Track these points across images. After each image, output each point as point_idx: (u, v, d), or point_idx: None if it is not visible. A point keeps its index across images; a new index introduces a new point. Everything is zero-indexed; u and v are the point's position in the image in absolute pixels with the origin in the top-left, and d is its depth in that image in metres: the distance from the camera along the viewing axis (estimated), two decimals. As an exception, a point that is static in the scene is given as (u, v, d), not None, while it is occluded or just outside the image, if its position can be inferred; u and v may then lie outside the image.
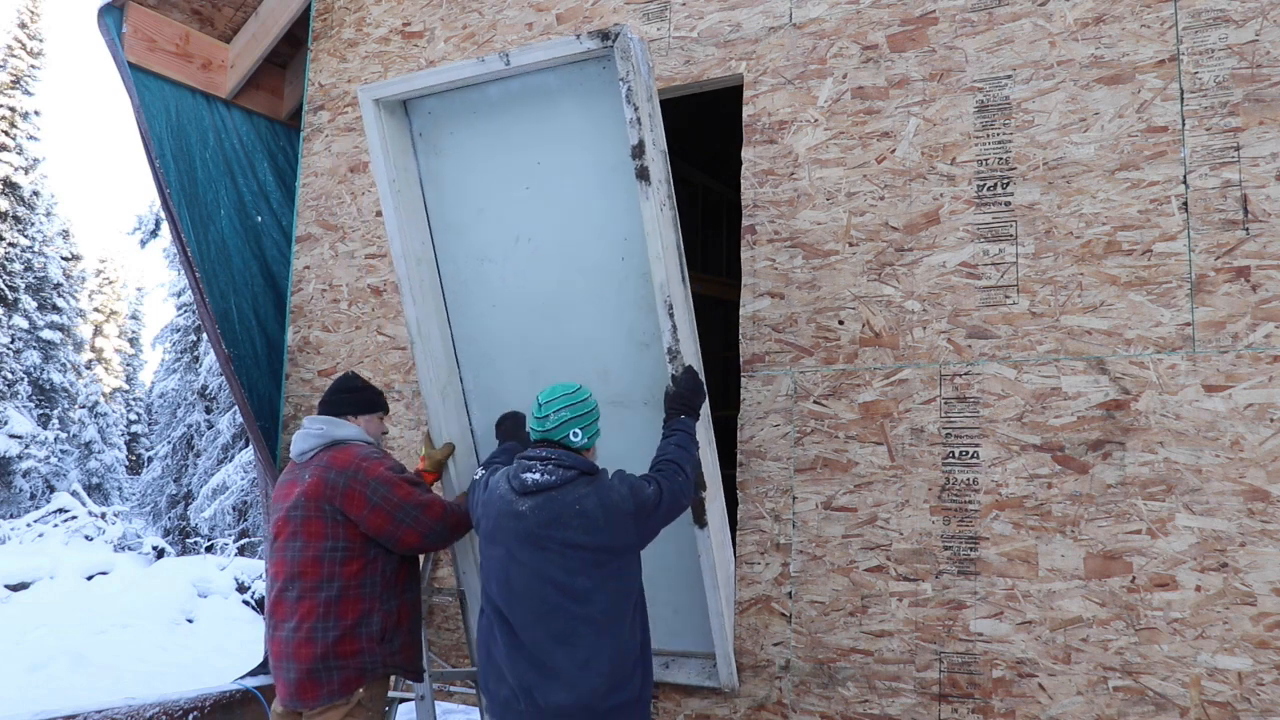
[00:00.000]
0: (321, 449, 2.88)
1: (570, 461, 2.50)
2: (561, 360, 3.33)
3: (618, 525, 2.44)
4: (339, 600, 2.74)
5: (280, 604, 2.79)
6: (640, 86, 2.87)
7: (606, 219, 3.16)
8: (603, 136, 3.11)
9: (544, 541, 2.42)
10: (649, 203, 2.90)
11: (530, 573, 2.43)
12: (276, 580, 2.83)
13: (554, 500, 2.44)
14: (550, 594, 2.41)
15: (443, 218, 3.48)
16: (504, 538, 2.49)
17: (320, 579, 2.75)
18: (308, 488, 2.79)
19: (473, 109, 3.34)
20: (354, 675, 2.73)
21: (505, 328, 3.44)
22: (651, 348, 3.17)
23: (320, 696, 2.70)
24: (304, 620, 2.73)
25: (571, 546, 2.41)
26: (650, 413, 3.19)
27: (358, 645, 2.74)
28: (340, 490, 2.76)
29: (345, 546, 2.78)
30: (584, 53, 2.93)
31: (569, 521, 2.42)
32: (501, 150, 3.32)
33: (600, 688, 2.38)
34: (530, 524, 2.44)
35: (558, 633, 2.40)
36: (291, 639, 2.73)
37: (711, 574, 3.05)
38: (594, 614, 2.40)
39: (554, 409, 2.57)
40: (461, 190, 3.43)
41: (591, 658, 2.39)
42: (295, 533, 2.79)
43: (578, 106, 3.15)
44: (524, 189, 3.31)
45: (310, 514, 2.78)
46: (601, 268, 3.21)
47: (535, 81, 3.19)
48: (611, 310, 3.21)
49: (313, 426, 2.92)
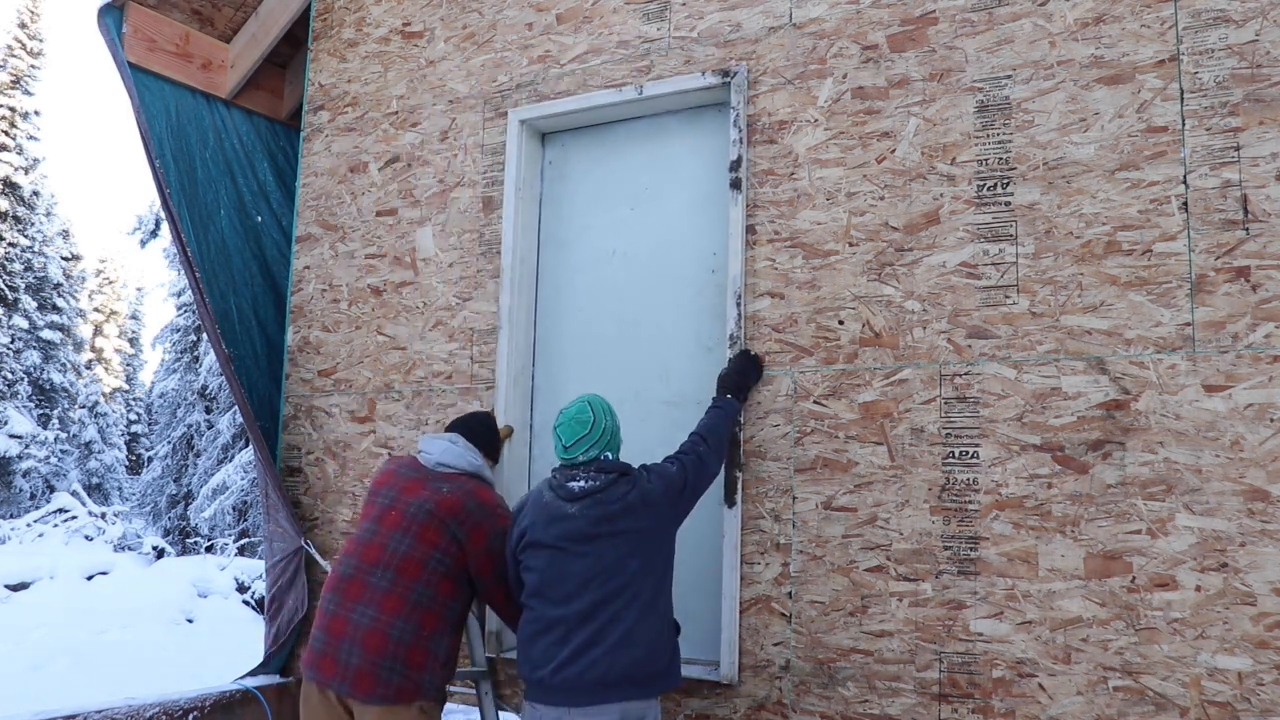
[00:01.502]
0: (466, 474, 2.96)
1: (609, 466, 2.76)
2: (627, 362, 3.67)
3: (656, 509, 2.71)
4: (426, 609, 2.76)
5: (360, 586, 2.78)
6: (744, 114, 3.37)
7: (699, 236, 3.57)
8: (706, 163, 3.59)
9: (597, 535, 2.66)
10: (736, 207, 3.33)
11: (585, 564, 2.65)
12: (362, 562, 2.82)
13: (600, 501, 2.69)
14: (607, 579, 2.63)
15: (553, 234, 3.94)
16: (553, 540, 2.71)
17: (417, 581, 2.77)
18: (444, 500, 2.84)
19: (599, 143, 3.88)
20: (411, 687, 2.72)
21: (584, 331, 3.80)
22: (714, 350, 3.46)
23: (374, 693, 2.68)
24: (386, 612, 2.73)
25: (622, 534, 2.66)
26: (700, 412, 3.37)
27: (425, 659, 2.75)
28: (474, 521, 2.84)
29: (450, 567, 2.82)
30: (706, 86, 3.46)
31: (617, 515, 2.67)
32: (616, 178, 3.82)
33: (640, 658, 2.59)
34: (581, 523, 2.69)
35: (613, 612, 2.61)
36: (364, 624, 2.72)
37: (733, 555, 3.17)
38: (641, 592, 2.64)
39: (581, 449, 2.81)
40: (574, 210, 3.90)
41: (635, 632, 2.60)
42: (409, 529, 2.82)
43: (689, 139, 3.67)
44: (629, 209, 3.77)
45: (435, 523, 2.82)
46: (686, 279, 3.59)
47: (657, 120, 3.75)
48: (686, 316, 3.57)
49: (467, 451, 3.00)
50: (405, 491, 2.89)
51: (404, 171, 4.22)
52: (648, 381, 3.60)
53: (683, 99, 3.57)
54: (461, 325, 3.95)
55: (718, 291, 3.48)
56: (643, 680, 2.61)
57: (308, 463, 4.32)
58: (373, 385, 4.16)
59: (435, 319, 4.03)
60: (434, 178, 4.13)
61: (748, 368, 3.20)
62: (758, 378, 3.22)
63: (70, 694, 6.46)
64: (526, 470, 3.82)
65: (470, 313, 3.93)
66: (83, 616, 9.53)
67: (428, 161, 4.16)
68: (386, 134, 4.31)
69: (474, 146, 4.03)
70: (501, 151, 3.94)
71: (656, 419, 3.55)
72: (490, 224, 3.93)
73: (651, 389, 3.59)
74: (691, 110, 3.66)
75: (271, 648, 4.26)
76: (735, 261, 3.30)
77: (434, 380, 3.97)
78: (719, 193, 3.52)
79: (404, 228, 4.18)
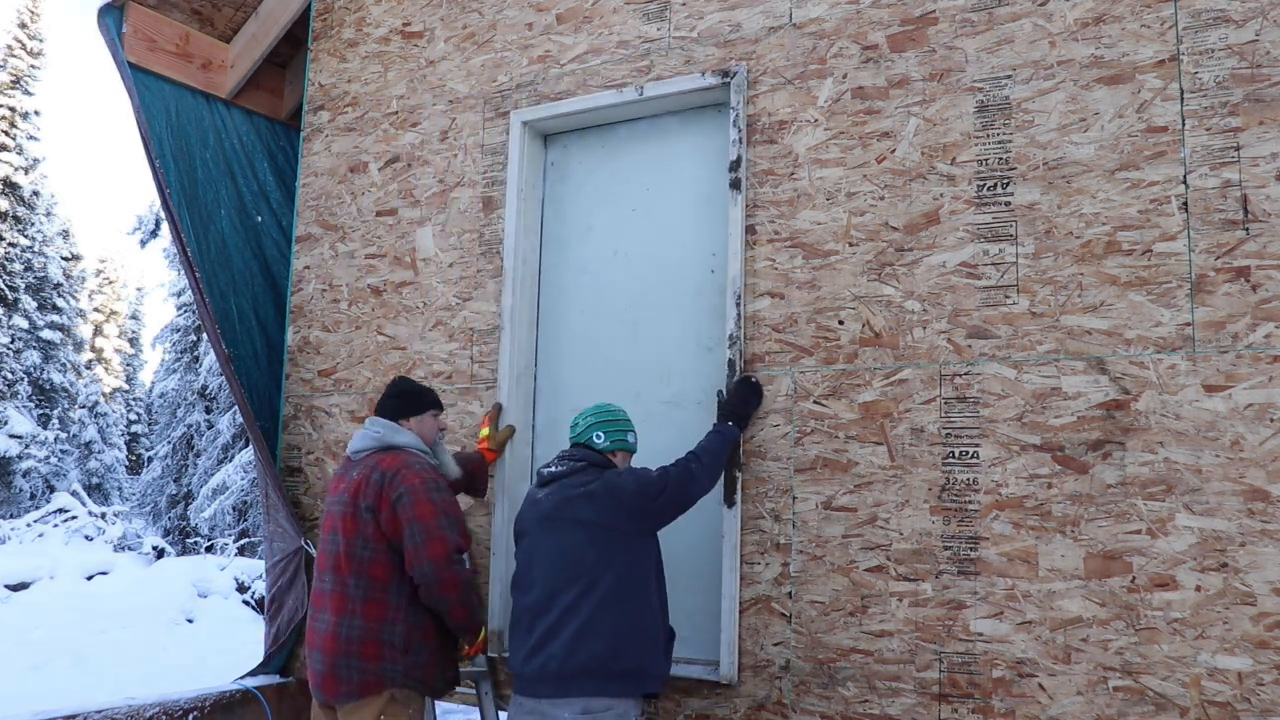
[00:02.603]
0: (375, 450, 2.97)
1: (582, 455, 2.80)
2: (629, 362, 3.69)
3: (621, 504, 2.68)
4: (364, 600, 2.79)
5: (318, 595, 2.90)
6: (743, 114, 3.37)
7: (699, 236, 3.59)
8: (707, 165, 3.60)
9: (558, 521, 2.69)
10: (736, 207, 3.34)
11: (546, 550, 2.69)
12: (319, 571, 2.93)
13: (565, 486, 2.73)
14: (562, 567, 2.65)
15: (555, 234, 3.95)
16: (528, 526, 2.78)
17: (349, 575, 2.82)
18: (353, 485, 2.88)
19: (601, 144, 3.88)
20: (372, 680, 2.75)
21: (586, 331, 3.81)
22: (715, 351, 3.48)
23: (339, 693, 2.76)
24: (333, 613, 2.80)
25: (579, 523, 2.66)
26: (701, 412, 3.48)
27: (378, 649, 2.77)
28: (375, 489, 2.84)
29: (373, 547, 2.83)
30: (706, 86, 3.46)
31: (576, 500, 2.68)
32: (619, 180, 3.82)
33: (599, 651, 2.58)
34: (546, 507, 2.72)
35: (567, 602, 2.62)
36: (322, 630, 2.81)
37: (733, 555, 3.17)
38: (600, 586, 2.61)
39: (584, 418, 2.91)
40: (577, 211, 3.91)
41: (594, 625, 2.59)
42: (335, 527, 2.89)
43: (689, 139, 3.67)
44: (631, 210, 3.78)
45: (348, 510, 2.86)
46: (686, 279, 3.60)
47: (658, 120, 3.75)
48: (687, 316, 3.58)
49: (372, 429, 3.03)
50: (332, 491, 2.99)
51: (404, 171, 4.22)
52: (649, 381, 3.61)
53: (683, 99, 3.57)
54: (461, 325, 3.95)
55: (718, 291, 3.48)
56: (603, 675, 2.58)
57: (308, 463, 4.32)
58: (373, 385, 4.16)
59: (435, 319, 4.03)
60: (434, 178, 4.13)
61: (749, 395, 3.18)
62: (758, 404, 3.20)
63: (70, 694, 6.45)
64: (529, 470, 3.82)
65: (470, 313, 3.93)
66: (83, 616, 9.53)
67: (428, 161, 4.16)
68: (386, 134, 4.31)
69: (474, 146, 4.03)
70: (501, 151, 3.94)
71: (657, 419, 3.56)
72: (490, 224, 3.93)
73: (652, 389, 3.59)
74: (692, 110, 3.66)
75: (271, 648, 4.26)
76: (735, 261, 3.30)
77: (434, 380, 3.96)
78: (719, 193, 3.52)
79: (404, 228, 4.18)
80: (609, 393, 3.68)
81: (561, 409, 3.80)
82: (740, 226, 3.32)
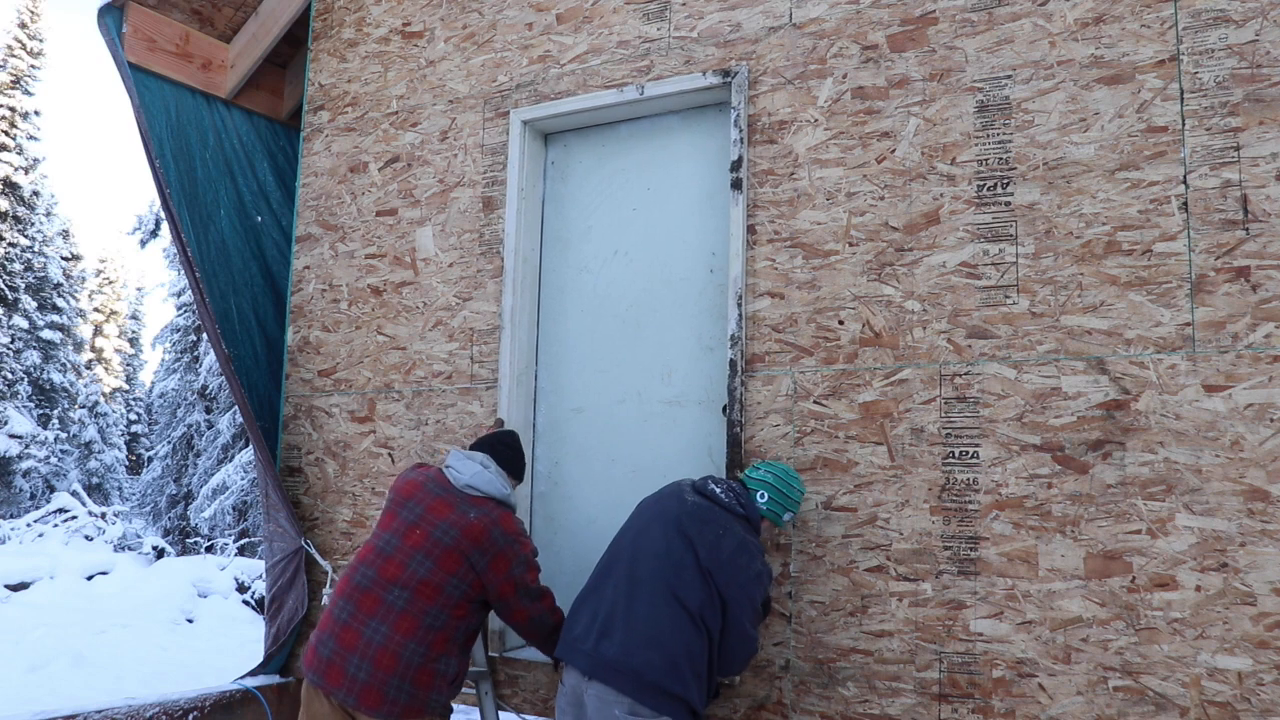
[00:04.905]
0: (494, 501, 2.94)
1: (746, 502, 2.82)
2: (629, 362, 3.69)
3: (731, 572, 2.67)
4: (438, 632, 2.77)
5: (376, 601, 2.79)
6: (745, 114, 3.37)
7: (700, 235, 3.59)
8: (707, 164, 3.60)
9: (683, 531, 2.70)
10: (737, 207, 3.34)
11: (659, 546, 2.70)
12: (380, 575, 2.82)
13: (713, 512, 2.75)
14: (662, 569, 2.66)
15: (556, 233, 3.95)
16: (657, 513, 2.79)
17: (433, 606, 2.77)
18: (470, 527, 2.83)
19: (602, 143, 3.88)
20: (418, 706, 2.74)
21: (587, 331, 3.81)
22: (715, 350, 3.49)
23: (380, 709, 2.70)
24: (399, 633, 2.74)
25: (692, 550, 2.68)
26: (701, 412, 3.49)
27: (432, 679, 2.76)
28: (497, 549, 2.83)
29: (465, 593, 2.82)
30: (707, 86, 3.46)
31: (705, 534, 2.69)
32: (620, 179, 3.82)
33: (656, 663, 2.55)
34: (682, 513, 2.74)
35: (651, 601, 2.63)
36: (377, 641, 2.73)
37: None
38: (686, 604, 2.62)
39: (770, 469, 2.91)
40: (577, 210, 3.91)
41: (664, 637, 2.58)
42: (430, 553, 2.81)
43: (690, 139, 3.67)
44: (631, 210, 3.78)
45: (457, 550, 2.81)
46: (687, 279, 3.60)
47: (659, 119, 3.75)
48: (688, 316, 3.58)
49: (495, 476, 2.97)
50: (431, 510, 2.88)
51: (404, 171, 4.22)
52: (649, 381, 3.61)
53: (683, 99, 3.58)
54: (461, 325, 3.95)
55: (718, 291, 3.49)
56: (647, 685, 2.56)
57: (308, 463, 4.32)
58: (373, 385, 4.16)
59: (435, 319, 4.03)
60: (434, 178, 4.13)
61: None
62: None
63: (70, 694, 6.45)
64: (529, 470, 3.82)
65: (470, 313, 3.93)
66: (83, 616, 9.52)
67: (428, 161, 4.16)
68: (386, 134, 4.31)
69: (474, 146, 4.03)
70: (502, 151, 3.94)
71: (658, 419, 3.56)
72: (490, 224, 3.93)
73: (653, 389, 3.60)
74: (692, 110, 3.66)
75: (271, 648, 4.26)
76: (736, 261, 3.31)
77: (434, 380, 3.97)
78: (719, 193, 3.52)
79: (404, 228, 4.18)
80: (609, 393, 3.68)
81: (562, 409, 3.80)
82: (741, 226, 3.32)
